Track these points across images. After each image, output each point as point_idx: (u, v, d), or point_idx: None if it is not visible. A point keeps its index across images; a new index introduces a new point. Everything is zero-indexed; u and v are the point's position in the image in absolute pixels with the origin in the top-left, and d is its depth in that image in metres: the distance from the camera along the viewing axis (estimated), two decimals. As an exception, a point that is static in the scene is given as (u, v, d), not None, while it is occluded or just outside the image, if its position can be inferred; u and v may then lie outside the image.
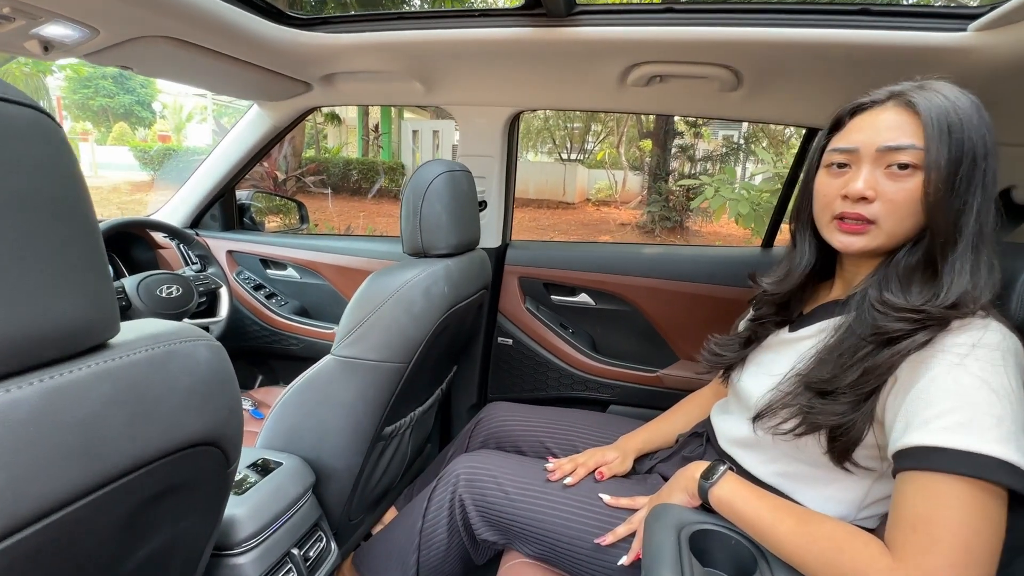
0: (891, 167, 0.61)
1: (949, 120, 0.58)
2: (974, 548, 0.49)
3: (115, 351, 0.37)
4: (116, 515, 0.39)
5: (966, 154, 0.58)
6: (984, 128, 0.59)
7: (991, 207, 0.59)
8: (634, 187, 11.82)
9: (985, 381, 0.53)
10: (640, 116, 9.87)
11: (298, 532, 0.82)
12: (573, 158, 14.02)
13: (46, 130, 0.33)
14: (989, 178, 0.59)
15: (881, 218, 0.62)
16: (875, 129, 0.63)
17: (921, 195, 0.59)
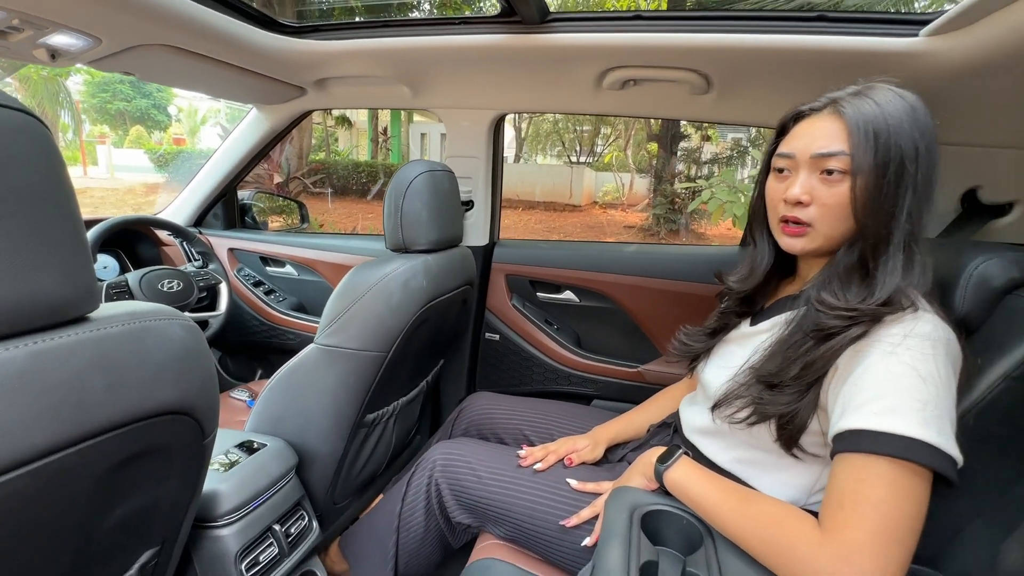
0: (824, 173, 0.65)
1: (875, 126, 0.61)
2: (896, 524, 0.52)
3: (95, 324, 0.43)
4: (95, 470, 0.44)
5: (892, 158, 0.60)
6: (917, 131, 0.61)
7: (924, 208, 0.62)
8: (641, 190, 11.81)
9: (914, 368, 0.56)
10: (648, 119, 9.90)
11: (280, 509, 0.88)
12: (582, 161, 14.05)
13: (35, 131, 0.38)
14: (920, 180, 0.61)
15: (817, 221, 0.66)
16: (811, 136, 0.66)
17: (851, 199, 0.63)
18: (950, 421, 0.55)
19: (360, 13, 4.03)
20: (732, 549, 0.64)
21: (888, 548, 0.52)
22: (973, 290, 0.74)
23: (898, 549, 0.52)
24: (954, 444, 0.54)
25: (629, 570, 0.60)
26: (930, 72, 0.86)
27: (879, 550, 0.52)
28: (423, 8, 3.14)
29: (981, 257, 0.75)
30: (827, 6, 3.39)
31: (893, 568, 0.52)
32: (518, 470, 0.92)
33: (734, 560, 0.63)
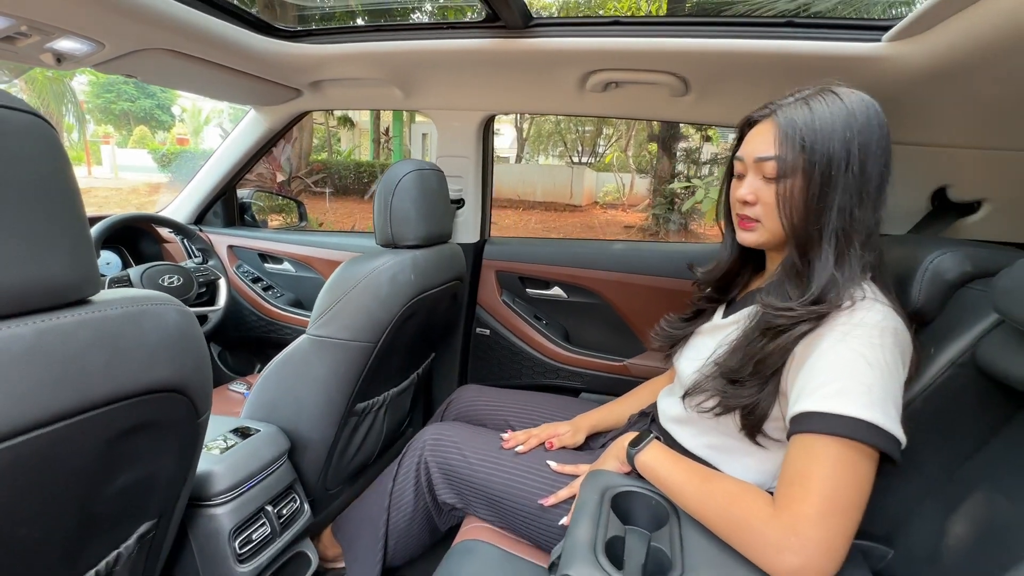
0: (764, 175, 0.70)
1: (803, 132, 0.65)
2: (840, 499, 0.56)
3: (96, 306, 0.47)
4: (96, 440, 0.49)
5: (818, 161, 0.64)
6: (851, 133, 0.64)
7: (860, 206, 0.65)
8: (642, 190, 11.84)
9: (862, 355, 0.60)
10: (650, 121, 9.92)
11: (272, 491, 0.92)
12: (584, 161, 14.08)
13: (42, 131, 0.42)
14: (853, 180, 0.64)
15: (762, 218, 0.71)
16: (755, 142, 0.71)
17: (777, 200, 0.68)
18: (895, 404, 0.59)
19: (362, 15, 4.09)
20: (695, 526, 0.68)
21: (832, 520, 0.56)
22: (928, 283, 0.78)
23: (842, 521, 0.56)
24: (898, 426, 0.58)
25: (595, 545, 0.64)
26: (893, 75, 0.89)
27: (824, 522, 0.56)
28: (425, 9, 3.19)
29: (937, 252, 0.79)
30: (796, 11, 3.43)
31: (836, 538, 0.56)
32: (503, 452, 0.96)
33: (695, 535, 0.67)
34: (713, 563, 0.62)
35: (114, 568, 0.61)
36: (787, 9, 3.27)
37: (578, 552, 0.62)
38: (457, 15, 3.04)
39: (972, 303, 0.72)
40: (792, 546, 0.56)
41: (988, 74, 0.80)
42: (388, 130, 12.86)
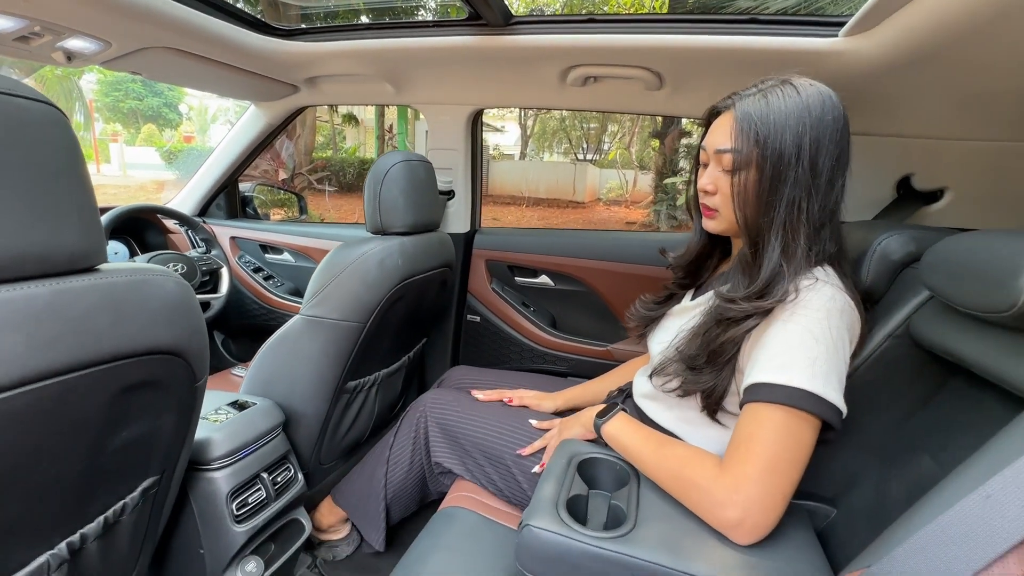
0: (723, 167, 0.73)
1: (757, 127, 0.67)
2: (779, 461, 0.62)
3: (103, 274, 0.54)
4: (103, 393, 0.55)
5: (770, 156, 0.66)
6: (804, 126, 0.66)
7: (808, 200, 0.67)
8: (645, 187, 11.85)
9: (809, 330, 0.65)
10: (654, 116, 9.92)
11: (267, 459, 0.99)
12: (588, 158, 14.09)
13: (57, 119, 0.49)
14: (801, 175, 0.66)
15: (720, 207, 0.75)
16: (716, 133, 0.74)
17: (731, 191, 0.71)
18: (838, 376, 0.64)
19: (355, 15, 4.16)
20: (652, 487, 0.74)
21: (771, 479, 0.62)
22: (876, 264, 0.83)
23: (780, 480, 0.62)
24: (839, 396, 0.63)
25: (557, 500, 0.70)
26: (852, 69, 0.94)
27: (762, 481, 0.61)
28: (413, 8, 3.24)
29: (885, 234, 0.84)
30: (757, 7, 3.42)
31: (774, 496, 0.62)
32: (494, 412, 1.06)
33: (651, 495, 0.73)
34: (664, 517, 0.68)
35: (120, 517, 0.68)
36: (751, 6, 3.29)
37: (541, 506, 0.68)
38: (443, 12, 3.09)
39: (912, 281, 0.77)
40: (733, 502, 0.62)
41: (941, 66, 0.85)
42: (392, 127, 12.93)
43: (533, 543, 0.65)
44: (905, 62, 0.87)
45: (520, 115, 14.78)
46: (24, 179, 0.45)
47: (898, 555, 0.49)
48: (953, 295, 0.60)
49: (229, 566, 0.91)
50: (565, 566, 0.64)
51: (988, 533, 0.44)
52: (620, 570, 0.62)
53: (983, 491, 0.46)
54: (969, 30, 0.72)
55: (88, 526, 0.64)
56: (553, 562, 0.65)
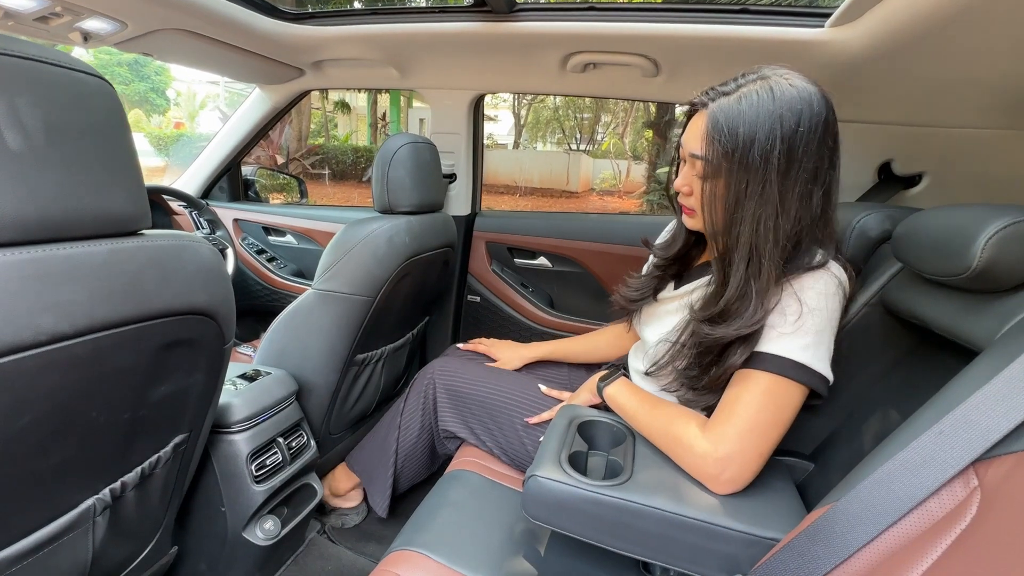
0: (696, 171, 0.73)
1: (726, 137, 0.65)
2: (759, 423, 0.68)
3: (148, 237, 0.58)
4: (148, 347, 0.60)
5: (736, 169, 0.65)
6: (773, 141, 0.63)
7: (776, 218, 0.65)
8: (638, 177, 11.91)
9: (805, 303, 0.68)
10: (647, 106, 9.96)
11: (282, 425, 1.04)
12: (581, 148, 14.09)
13: (107, 91, 0.53)
14: (769, 189, 0.64)
15: (697, 208, 0.75)
16: (691, 135, 0.72)
17: (702, 199, 0.71)
18: (827, 347, 0.69)
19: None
20: (646, 444, 0.81)
21: (750, 439, 0.67)
22: (855, 241, 0.89)
23: (759, 440, 0.67)
24: (827, 365, 0.68)
25: (560, 454, 0.76)
26: (837, 58, 1.00)
27: (741, 439, 0.67)
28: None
29: (863, 213, 0.91)
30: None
31: (750, 452, 0.67)
32: (501, 377, 1.11)
33: (645, 450, 0.79)
34: (656, 468, 0.74)
35: (155, 469, 0.74)
36: None
37: (545, 459, 0.75)
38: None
39: (887, 255, 0.84)
40: (713, 458, 0.68)
41: (920, 55, 0.90)
42: (385, 115, 12.85)
43: (538, 492, 0.71)
44: (887, 51, 0.93)
45: (514, 104, 14.73)
46: (83, 147, 0.50)
47: (863, 488, 0.55)
48: (920, 264, 0.67)
49: (249, 523, 0.97)
50: (567, 512, 0.71)
51: (939, 463, 0.51)
52: (617, 513, 0.69)
53: (936, 428, 0.52)
54: (948, 19, 0.77)
55: (128, 475, 0.69)
56: (556, 509, 0.71)
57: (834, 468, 0.81)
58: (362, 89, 12.16)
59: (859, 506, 0.55)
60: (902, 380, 0.78)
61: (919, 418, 0.55)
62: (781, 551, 0.60)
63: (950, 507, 0.50)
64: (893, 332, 0.80)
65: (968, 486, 0.50)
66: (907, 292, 0.74)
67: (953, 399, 0.53)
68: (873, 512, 0.54)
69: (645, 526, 0.68)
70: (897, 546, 0.52)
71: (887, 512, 0.53)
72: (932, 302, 0.67)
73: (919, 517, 0.52)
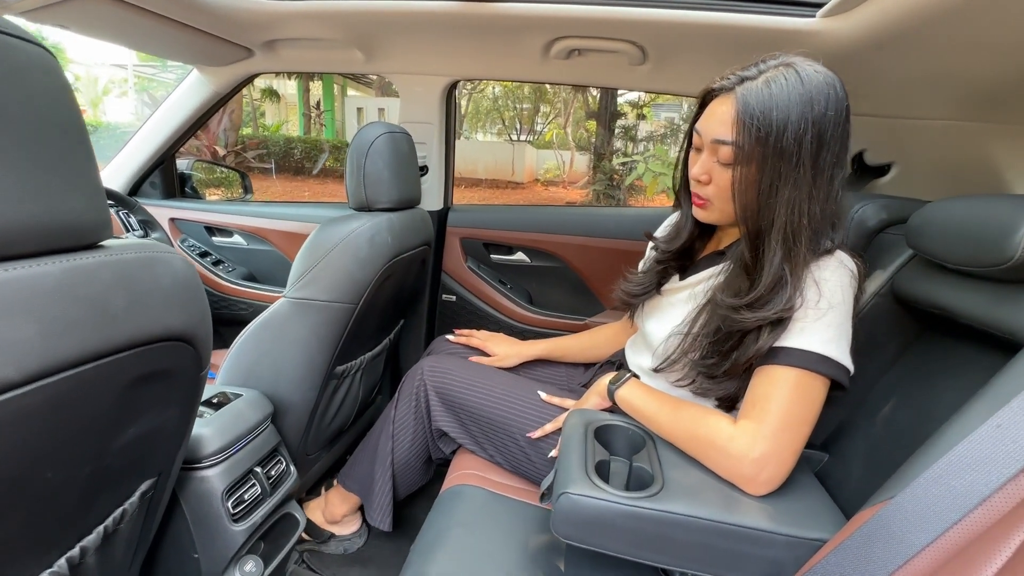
0: (720, 158, 0.70)
1: (760, 121, 0.64)
2: (792, 419, 0.66)
3: (111, 250, 0.47)
4: (115, 386, 0.49)
5: (771, 155, 0.64)
6: (806, 124, 0.63)
7: (809, 201, 0.65)
8: (581, 167, 12.08)
9: (824, 296, 0.67)
10: (587, 98, 10.09)
11: (259, 453, 0.92)
12: (523, 139, 14.08)
13: (49, 63, 0.41)
14: (802, 175, 0.64)
15: (713, 198, 0.74)
16: (714, 119, 0.70)
17: (731, 186, 0.69)
18: (847, 338, 0.68)
19: None
20: (668, 447, 0.77)
21: (784, 436, 0.66)
22: (855, 230, 0.91)
23: (792, 437, 0.66)
24: (848, 356, 0.68)
25: (586, 466, 0.71)
26: (825, 49, 1.01)
27: (776, 437, 0.65)
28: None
29: (860, 203, 0.92)
30: None
31: (786, 451, 0.66)
32: (496, 380, 1.02)
33: (670, 454, 0.76)
34: (686, 474, 0.71)
35: (119, 525, 0.61)
36: None
37: (573, 473, 0.69)
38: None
39: (890, 244, 0.86)
40: (749, 458, 0.66)
41: (904, 50, 0.92)
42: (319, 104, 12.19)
43: (571, 510, 0.66)
44: (874, 44, 0.95)
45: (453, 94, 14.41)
46: (23, 137, 0.38)
47: (919, 484, 0.54)
48: (944, 254, 0.67)
49: (228, 568, 0.85)
50: (603, 528, 0.66)
51: (1001, 457, 0.50)
52: (657, 526, 0.65)
53: (994, 421, 0.52)
54: (936, 16, 0.78)
55: (87, 537, 0.57)
56: (591, 526, 0.66)
57: (850, 458, 0.81)
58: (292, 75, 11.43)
59: (917, 504, 0.54)
60: (912, 367, 0.79)
61: (970, 411, 0.55)
62: (833, 553, 0.59)
63: (1015, 502, 0.50)
64: (902, 320, 0.81)
65: (1033, 479, 0.50)
66: (922, 281, 0.75)
67: (1006, 391, 0.53)
68: (934, 510, 0.53)
69: (687, 537, 0.65)
70: (964, 543, 0.51)
71: (950, 509, 0.52)
72: (955, 291, 0.68)
73: (985, 513, 0.51)
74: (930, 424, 0.72)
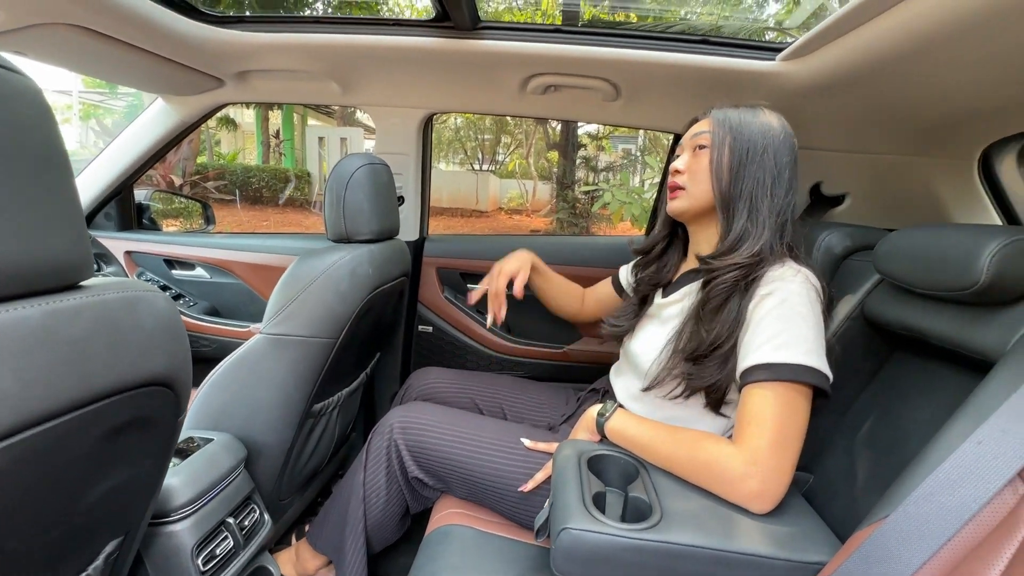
0: (695, 149, 0.86)
1: (730, 122, 0.83)
2: (787, 431, 0.68)
3: (93, 290, 0.43)
4: (89, 437, 0.44)
5: (740, 144, 0.81)
6: (768, 139, 0.81)
7: (772, 183, 0.81)
8: (544, 196, 12.33)
9: (795, 310, 0.72)
10: (547, 129, 10.40)
11: (232, 502, 0.86)
12: (485, 168, 14.29)
13: (36, 95, 0.39)
14: (767, 163, 0.81)
15: (687, 184, 0.86)
16: (694, 130, 0.89)
17: (709, 164, 0.83)
18: (821, 346, 0.72)
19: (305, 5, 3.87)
20: (662, 475, 0.77)
21: (783, 449, 0.68)
22: (822, 257, 0.96)
23: (791, 450, 0.69)
24: (826, 364, 0.71)
25: (584, 499, 0.70)
26: (784, 89, 1.08)
27: (776, 452, 0.67)
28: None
29: (825, 232, 0.97)
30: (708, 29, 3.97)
31: (786, 465, 0.68)
32: (478, 430, 0.97)
33: (664, 482, 0.76)
34: (684, 502, 0.71)
35: (81, 593, 0.55)
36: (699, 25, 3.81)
37: (572, 507, 0.68)
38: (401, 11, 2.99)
39: (857, 270, 0.91)
40: (753, 474, 0.67)
41: (855, 91, 1.00)
42: (279, 132, 12.01)
43: (572, 546, 0.65)
44: (829, 85, 1.02)
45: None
46: (7, 171, 0.36)
47: (911, 503, 0.56)
48: (912, 279, 0.71)
49: (196, 633, 0.77)
50: (605, 563, 0.65)
51: (985, 473, 0.53)
52: (658, 558, 0.64)
53: (975, 438, 0.55)
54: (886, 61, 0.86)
55: (47, 610, 0.51)
56: (593, 561, 0.65)
57: (835, 477, 0.84)
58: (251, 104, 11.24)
59: (911, 523, 0.56)
60: (888, 385, 0.83)
61: (952, 429, 0.58)
62: (835, 575, 0.60)
63: (1002, 515, 0.52)
64: (875, 341, 0.86)
65: (1016, 493, 0.52)
66: (891, 304, 0.80)
67: (983, 409, 0.56)
68: (927, 528, 0.54)
69: (689, 567, 0.64)
70: (959, 558, 0.53)
71: (942, 526, 0.54)
72: (924, 314, 0.73)
73: (975, 529, 0.53)
74: (909, 441, 0.76)
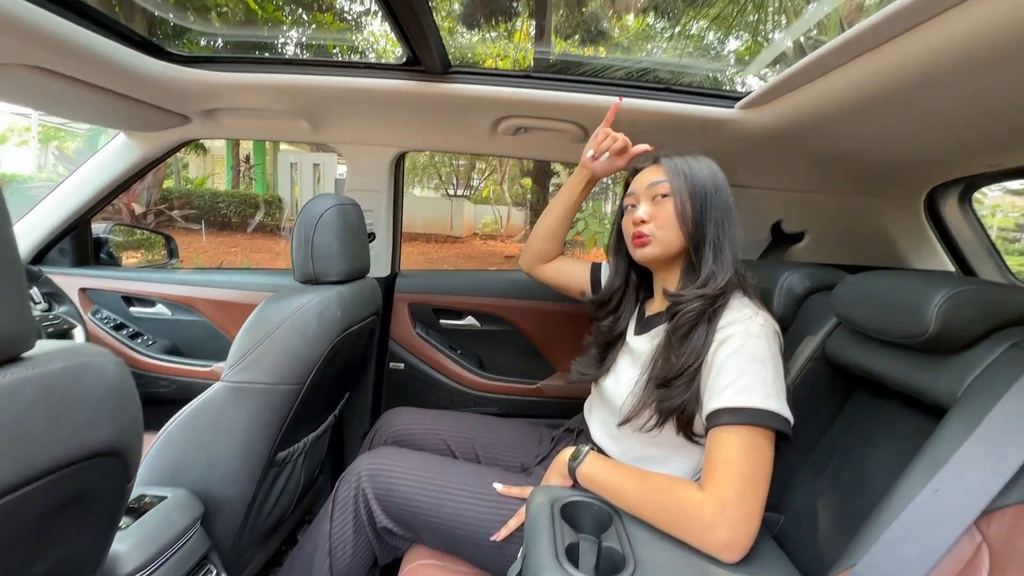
0: (655, 198, 0.87)
1: (681, 168, 0.87)
2: (753, 476, 0.69)
3: (35, 361, 0.41)
4: (28, 517, 0.41)
5: (697, 188, 0.85)
6: (710, 180, 0.86)
7: (728, 224, 0.85)
8: (518, 221, 12.47)
9: (755, 355, 0.74)
10: (520, 156, 10.59)
11: (186, 565, 0.81)
12: (459, 194, 14.39)
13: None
14: (720, 204, 0.86)
15: (655, 232, 0.87)
16: (644, 179, 0.90)
17: (675, 212, 0.85)
18: (781, 390, 0.74)
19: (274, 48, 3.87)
20: (636, 523, 0.76)
21: (750, 495, 0.69)
22: (784, 297, 0.99)
23: (756, 495, 0.69)
24: (786, 408, 0.73)
25: (557, 553, 0.69)
26: (742, 134, 1.13)
27: (743, 499, 0.68)
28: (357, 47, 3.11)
29: (787, 272, 1.01)
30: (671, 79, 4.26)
31: (754, 510, 0.69)
32: (446, 476, 0.95)
33: (638, 530, 0.75)
34: (658, 551, 0.70)
35: None
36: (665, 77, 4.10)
37: (545, 563, 0.66)
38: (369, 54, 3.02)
39: (818, 310, 0.94)
40: (721, 523, 0.67)
41: (810, 136, 1.06)
42: (249, 158, 11.86)
43: None
44: (784, 132, 1.08)
45: (391, 150, 14.57)
46: None
47: (876, 551, 0.57)
48: (868, 325, 0.74)
49: None
50: None
51: (943, 523, 0.54)
52: (634, 613, 0.63)
53: (932, 486, 0.56)
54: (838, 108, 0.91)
55: None
56: None
57: (804, 518, 0.85)
58: (221, 130, 11.06)
59: (876, 572, 0.57)
60: (850, 423, 0.85)
61: (910, 476, 0.59)
62: (808, 626, 0.60)
63: (962, 564, 0.54)
64: (836, 381, 0.88)
65: (974, 541, 0.53)
66: (850, 347, 0.83)
67: (939, 456, 0.58)
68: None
69: (664, 622, 0.63)
70: (925, 607, 0.54)
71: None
72: (881, 358, 0.75)
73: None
74: (872, 480, 0.78)
